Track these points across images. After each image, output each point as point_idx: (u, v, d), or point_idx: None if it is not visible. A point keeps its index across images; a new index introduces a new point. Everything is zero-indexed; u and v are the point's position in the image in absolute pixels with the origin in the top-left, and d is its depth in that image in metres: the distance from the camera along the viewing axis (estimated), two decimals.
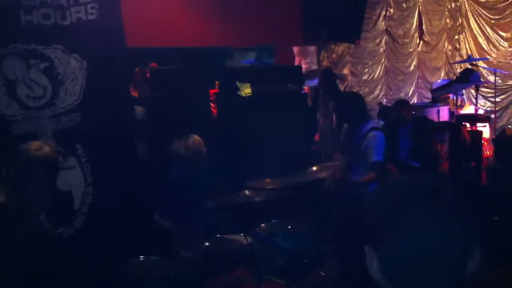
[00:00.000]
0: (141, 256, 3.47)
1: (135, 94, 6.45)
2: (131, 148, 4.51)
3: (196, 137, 4.61)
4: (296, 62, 9.12)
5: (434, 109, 8.21)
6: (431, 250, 1.16)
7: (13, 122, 3.71)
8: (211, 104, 7.26)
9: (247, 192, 3.97)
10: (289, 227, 3.89)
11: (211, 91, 7.31)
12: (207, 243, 3.85)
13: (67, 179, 3.88)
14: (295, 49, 9.13)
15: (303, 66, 8.72)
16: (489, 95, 10.32)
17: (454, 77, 9.76)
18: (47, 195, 2.91)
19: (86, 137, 4.05)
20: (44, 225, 2.78)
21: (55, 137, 3.90)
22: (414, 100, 10.46)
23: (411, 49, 10.43)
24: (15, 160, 2.88)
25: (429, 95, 10.13)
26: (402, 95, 10.14)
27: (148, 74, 6.82)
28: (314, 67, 8.73)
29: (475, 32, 10.66)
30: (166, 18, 5.57)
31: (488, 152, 8.02)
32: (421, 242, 1.16)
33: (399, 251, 1.18)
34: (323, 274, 3.64)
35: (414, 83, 10.57)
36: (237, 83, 6.44)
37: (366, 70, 9.76)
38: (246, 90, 6.39)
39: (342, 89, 9.02)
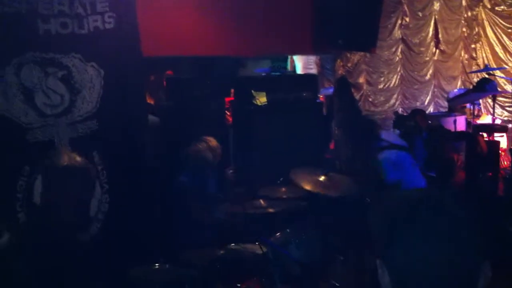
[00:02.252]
0: (156, 264, 3.48)
1: (150, 101, 6.51)
2: (146, 156, 4.53)
3: (210, 138, 4.66)
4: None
5: (451, 119, 8.16)
6: (440, 266, 1.16)
7: (30, 130, 3.75)
8: (227, 112, 7.29)
9: (261, 200, 3.97)
10: (303, 236, 3.87)
11: (227, 99, 7.34)
12: (221, 251, 3.86)
13: None
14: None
15: None
16: (506, 104, 10.23)
17: (471, 86, 9.68)
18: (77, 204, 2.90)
19: (102, 144, 4.08)
20: (65, 229, 2.79)
21: (72, 145, 3.93)
22: (430, 109, 10.39)
23: (427, 58, 10.37)
24: (47, 168, 2.87)
25: (446, 104, 10.07)
26: (418, 104, 10.08)
27: (164, 82, 6.88)
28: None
29: (492, 41, 10.59)
30: (181, 28, 5.61)
31: (505, 163, 7.94)
32: (430, 258, 1.16)
33: (407, 266, 1.18)
34: (336, 284, 3.63)
35: (430, 92, 10.51)
36: (252, 91, 6.46)
37: (382, 78, 9.73)
38: (261, 99, 6.41)
39: (357, 97, 9.00)
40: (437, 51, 10.51)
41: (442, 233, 1.17)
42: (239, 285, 3.72)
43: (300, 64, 9.00)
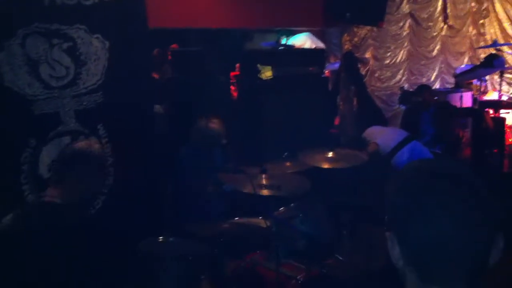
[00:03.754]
0: (160, 237, 3.49)
1: (156, 76, 6.47)
2: (152, 129, 4.52)
3: (216, 119, 4.63)
4: None
5: (457, 95, 8.11)
6: (454, 237, 1.15)
7: (35, 102, 3.73)
8: (232, 86, 7.25)
9: (265, 175, 3.96)
10: (308, 210, 3.88)
11: (232, 74, 7.29)
12: (225, 225, 3.87)
13: None
14: None
15: None
16: None
17: (478, 62, 9.60)
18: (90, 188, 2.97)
19: (107, 117, 4.07)
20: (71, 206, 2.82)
21: (77, 117, 3.93)
22: (437, 85, 10.32)
23: (435, 33, 10.26)
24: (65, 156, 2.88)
25: (452, 80, 9.99)
26: (424, 80, 10.01)
27: (169, 56, 6.82)
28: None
29: (501, 17, 10.46)
30: None
31: (511, 139, 7.90)
32: (444, 230, 1.15)
33: (421, 238, 1.18)
34: (340, 258, 3.64)
35: (437, 68, 10.42)
36: (258, 65, 6.41)
37: (389, 54, 9.63)
38: (267, 73, 6.36)
39: (363, 72, 8.94)
40: (445, 26, 10.39)
41: (460, 204, 1.16)
42: (243, 258, 3.74)
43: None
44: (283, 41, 8.06)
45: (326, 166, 4.03)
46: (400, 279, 1.27)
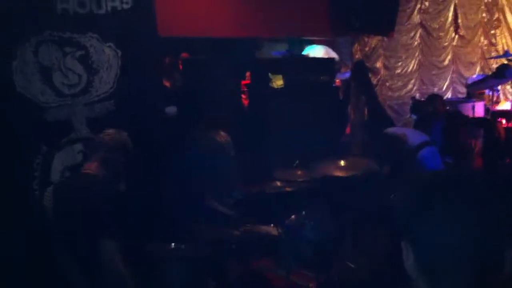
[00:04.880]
0: (172, 244, 3.50)
1: (167, 84, 6.50)
2: (163, 137, 4.54)
3: (222, 134, 4.64)
4: None
5: (469, 105, 8.07)
6: (467, 245, 1.15)
7: (47, 109, 3.77)
8: (243, 95, 7.26)
9: (278, 183, 3.96)
10: (319, 218, 3.86)
11: (243, 83, 7.31)
12: (236, 232, 3.86)
13: None
14: None
15: None
16: None
17: (490, 73, 9.56)
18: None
19: (119, 125, 4.09)
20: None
21: (89, 125, 3.96)
22: (448, 95, 10.27)
23: (446, 43, 10.23)
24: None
25: (464, 90, 9.95)
26: (436, 89, 9.97)
27: (180, 65, 6.86)
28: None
29: None
30: (198, 8, 5.59)
31: None
32: (460, 238, 1.15)
33: (435, 247, 1.17)
34: (352, 265, 3.62)
35: (448, 78, 10.38)
36: (269, 74, 6.43)
37: (400, 63, 9.61)
38: (278, 82, 6.38)
39: (374, 82, 8.93)
40: (456, 36, 10.37)
41: (473, 214, 1.16)
42: (253, 264, 3.72)
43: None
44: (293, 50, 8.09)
45: (338, 174, 4.03)
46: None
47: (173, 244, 3.46)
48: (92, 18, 3.96)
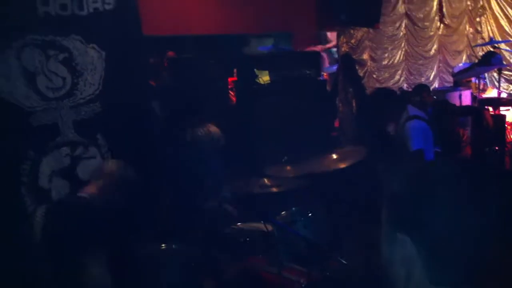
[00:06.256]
0: (163, 245, 3.49)
1: (153, 83, 6.46)
2: (151, 137, 4.52)
3: (213, 126, 4.63)
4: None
5: (456, 93, 8.09)
6: (468, 237, 1.15)
7: (32, 113, 3.74)
8: (230, 92, 7.24)
9: (266, 180, 3.96)
10: (309, 214, 3.87)
11: (230, 79, 7.29)
12: (227, 231, 3.86)
13: (88, 169, 3.91)
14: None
15: None
16: None
17: (476, 61, 9.59)
18: None
19: (106, 126, 4.07)
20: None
21: (76, 128, 3.93)
22: (436, 84, 10.30)
23: (432, 33, 10.25)
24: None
25: (451, 79, 9.98)
26: (423, 79, 9.99)
27: (165, 63, 6.82)
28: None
29: (497, 14, 10.46)
30: (182, 6, 5.56)
31: (511, 136, 7.88)
32: (459, 229, 1.15)
33: (437, 239, 1.17)
34: (343, 261, 3.62)
35: (435, 67, 10.41)
36: (255, 70, 6.41)
37: (386, 55, 9.62)
38: (264, 78, 6.36)
39: (361, 74, 8.93)
40: (442, 25, 10.39)
41: (470, 204, 1.16)
42: (245, 263, 3.72)
43: None
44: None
45: (328, 167, 4.04)
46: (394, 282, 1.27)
47: (163, 245, 3.43)
48: (74, 20, 3.93)
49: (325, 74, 8.38)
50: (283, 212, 3.98)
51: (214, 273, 3.64)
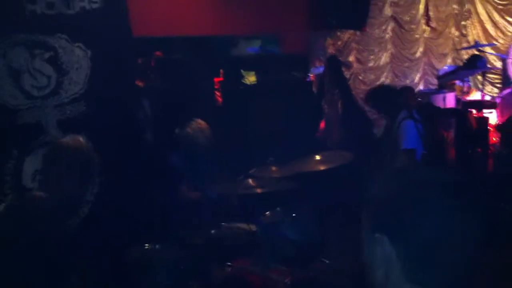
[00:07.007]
0: (146, 245, 3.49)
1: (140, 83, 6.45)
2: (137, 137, 4.52)
3: (201, 121, 4.64)
4: None
5: (440, 96, 8.16)
6: (450, 240, 1.17)
7: (17, 112, 3.72)
8: (216, 92, 7.25)
9: (250, 180, 3.97)
10: (293, 215, 3.89)
11: (216, 80, 7.30)
12: (211, 231, 3.87)
13: None
14: None
15: None
16: (496, 81, 10.26)
17: (461, 64, 9.68)
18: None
19: (91, 126, 4.06)
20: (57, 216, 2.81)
21: (60, 127, 3.91)
22: (421, 87, 10.39)
23: (418, 36, 10.34)
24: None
25: (436, 81, 10.07)
26: (408, 82, 10.07)
27: (152, 63, 6.81)
28: None
29: (482, 18, 10.57)
30: (171, 7, 5.56)
31: (494, 139, 7.97)
32: (440, 233, 1.17)
33: (415, 239, 1.19)
34: (326, 261, 3.65)
35: (420, 70, 10.50)
36: (242, 71, 6.43)
37: (372, 57, 9.69)
38: (250, 78, 6.39)
39: (347, 76, 8.98)
40: (428, 28, 10.48)
41: (453, 208, 1.18)
42: (230, 264, 3.73)
43: None
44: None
45: (313, 169, 4.07)
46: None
47: (148, 245, 3.43)
48: (60, 19, 3.91)
49: (312, 75, 8.41)
50: (267, 212, 4.00)
51: (200, 274, 3.64)
